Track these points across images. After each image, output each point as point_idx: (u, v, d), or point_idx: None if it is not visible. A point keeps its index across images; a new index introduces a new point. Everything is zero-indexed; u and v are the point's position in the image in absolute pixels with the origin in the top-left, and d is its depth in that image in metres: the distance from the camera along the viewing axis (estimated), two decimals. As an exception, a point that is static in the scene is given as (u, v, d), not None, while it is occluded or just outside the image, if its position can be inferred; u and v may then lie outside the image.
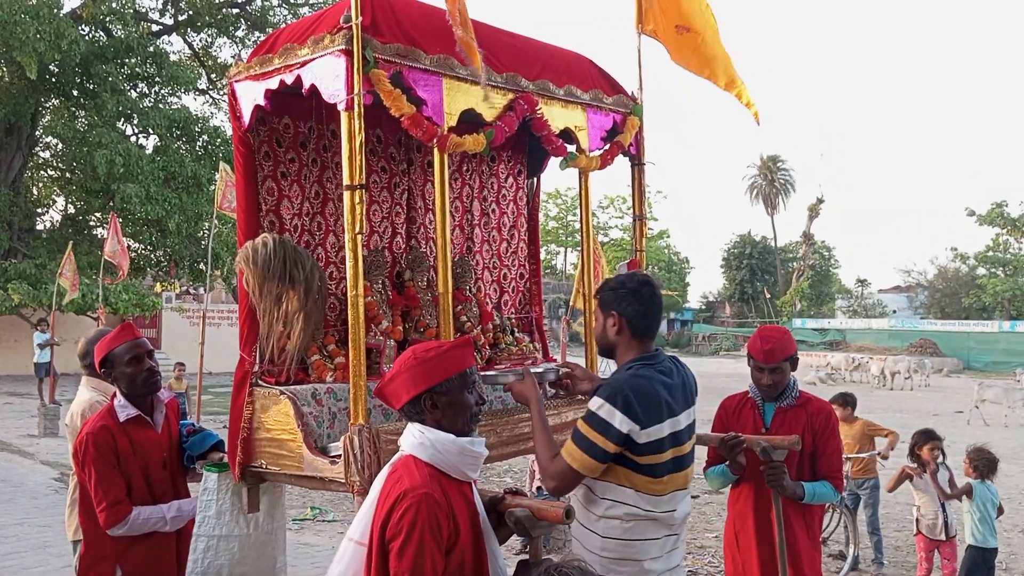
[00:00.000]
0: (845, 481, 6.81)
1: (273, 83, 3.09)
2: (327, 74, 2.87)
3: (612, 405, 2.65)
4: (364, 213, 2.84)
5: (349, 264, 2.85)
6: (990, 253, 44.88)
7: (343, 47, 2.79)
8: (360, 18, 2.76)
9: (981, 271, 46.00)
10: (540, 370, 3.31)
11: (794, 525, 3.61)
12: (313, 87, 2.94)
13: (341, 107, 2.82)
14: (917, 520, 5.93)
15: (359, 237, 2.83)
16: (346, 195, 2.82)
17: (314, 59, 2.92)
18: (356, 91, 2.77)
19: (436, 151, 3.09)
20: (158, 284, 28.59)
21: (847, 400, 7.15)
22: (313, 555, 7.02)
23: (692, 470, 2.90)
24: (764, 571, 3.63)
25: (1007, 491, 9.66)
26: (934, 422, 17.21)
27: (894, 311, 53.49)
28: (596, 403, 2.69)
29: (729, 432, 3.65)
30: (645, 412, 2.66)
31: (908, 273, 54.43)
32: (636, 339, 2.84)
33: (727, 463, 3.64)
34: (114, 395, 3.42)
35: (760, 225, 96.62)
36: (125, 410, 3.36)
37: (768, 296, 52.14)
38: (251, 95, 3.18)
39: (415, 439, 2.27)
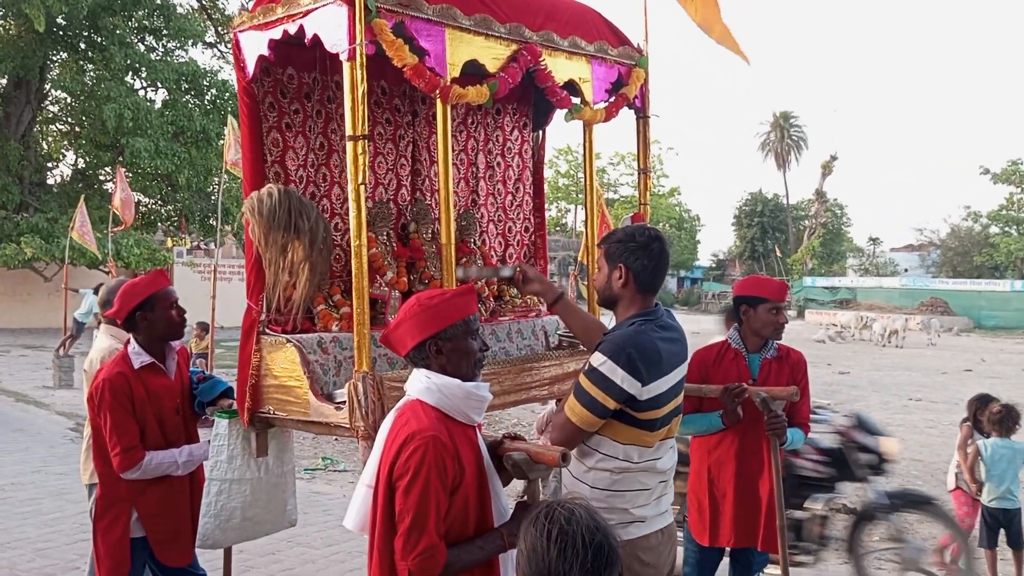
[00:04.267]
0: None
1: (276, 33, 3.09)
2: (329, 24, 2.87)
3: (615, 362, 2.63)
4: (367, 164, 2.87)
5: (352, 215, 2.88)
6: (1004, 212, 44.41)
7: (345, -4, 2.79)
8: (361, -33, 2.75)
9: (994, 230, 45.56)
10: (504, 272, 3.59)
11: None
12: (316, 37, 2.94)
13: (343, 57, 2.83)
14: (956, 475, 5.91)
15: (362, 188, 2.86)
16: (349, 146, 2.85)
17: (316, 8, 2.92)
18: (358, 41, 2.77)
19: (439, 102, 3.10)
20: (169, 239, 28.71)
21: None
22: (325, 503, 7.17)
23: (680, 419, 2.94)
24: (737, 515, 3.75)
25: None
26: (943, 380, 17.25)
27: (905, 270, 53.22)
28: (599, 359, 2.67)
29: (708, 384, 3.70)
30: (648, 369, 2.66)
31: (921, 232, 54.01)
32: (640, 294, 2.82)
33: (720, 413, 3.67)
34: (127, 342, 3.50)
35: (772, 183, 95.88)
36: (139, 357, 3.43)
37: (779, 254, 51.90)
38: (255, 45, 3.18)
39: (422, 384, 2.32)
